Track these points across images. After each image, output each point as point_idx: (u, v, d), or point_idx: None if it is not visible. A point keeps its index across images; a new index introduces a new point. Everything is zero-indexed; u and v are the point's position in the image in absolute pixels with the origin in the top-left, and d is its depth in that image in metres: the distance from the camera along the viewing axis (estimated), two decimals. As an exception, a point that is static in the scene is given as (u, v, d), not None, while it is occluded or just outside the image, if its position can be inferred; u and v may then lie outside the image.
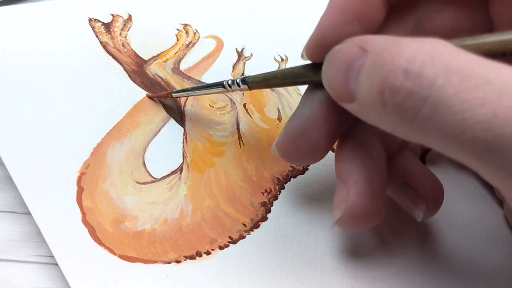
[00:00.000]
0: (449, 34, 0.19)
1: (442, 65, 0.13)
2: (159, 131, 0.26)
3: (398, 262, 0.23)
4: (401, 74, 0.13)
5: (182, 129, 0.27)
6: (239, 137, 0.27)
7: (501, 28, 0.19)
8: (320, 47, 0.18)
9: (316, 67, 0.19)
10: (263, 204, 0.24)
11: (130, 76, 0.29)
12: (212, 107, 0.28)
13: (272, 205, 0.24)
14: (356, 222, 0.19)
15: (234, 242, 0.23)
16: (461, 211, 0.25)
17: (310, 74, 0.19)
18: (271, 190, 0.25)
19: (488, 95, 0.12)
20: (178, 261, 0.21)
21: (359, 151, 0.19)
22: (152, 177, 0.24)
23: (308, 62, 0.19)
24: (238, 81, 0.22)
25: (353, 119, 0.19)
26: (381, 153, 0.20)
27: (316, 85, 0.19)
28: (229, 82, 0.23)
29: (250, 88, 0.22)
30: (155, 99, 0.28)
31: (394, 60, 0.13)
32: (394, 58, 0.13)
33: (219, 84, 0.23)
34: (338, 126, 0.20)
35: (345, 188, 0.19)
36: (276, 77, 0.20)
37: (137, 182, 0.24)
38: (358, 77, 0.15)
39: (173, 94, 0.26)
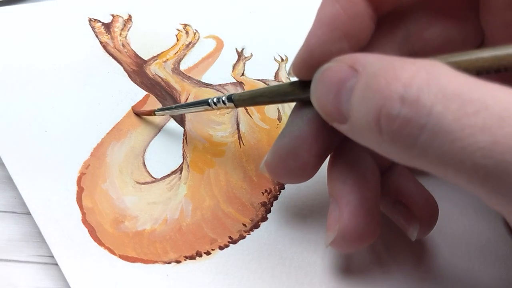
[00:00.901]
0: (439, 46, 0.19)
1: (439, 90, 0.12)
2: (159, 131, 0.26)
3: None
4: (398, 101, 0.13)
5: (182, 129, 0.27)
6: (239, 137, 0.27)
7: (492, 38, 0.18)
8: (307, 65, 0.17)
9: (304, 84, 0.18)
10: (263, 204, 0.24)
11: (130, 76, 0.29)
12: (212, 107, 0.28)
13: (272, 205, 0.24)
14: (350, 244, 0.19)
15: (234, 242, 0.23)
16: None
17: (298, 92, 0.19)
18: (271, 190, 0.25)
19: (487, 121, 0.12)
20: (178, 261, 0.21)
21: (351, 169, 0.19)
22: (152, 177, 0.24)
23: (296, 79, 0.19)
24: (223, 99, 0.22)
25: (343, 136, 0.19)
26: (374, 170, 0.19)
27: (304, 102, 0.19)
28: (214, 100, 0.22)
29: (236, 106, 0.21)
30: (145, 113, 0.27)
31: (390, 86, 0.13)
32: (389, 83, 0.13)
33: (204, 102, 0.23)
34: (328, 143, 0.19)
35: (338, 208, 0.19)
36: (263, 95, 0.20)
37: (137, 182, 0.24)
38: (351, 99, 0.15)
39: (156, 113, 0.25)
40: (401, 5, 0.19)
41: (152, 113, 0.26)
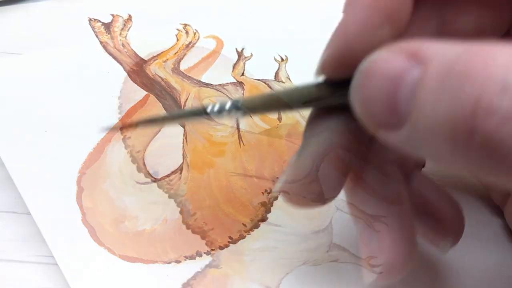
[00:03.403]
0: (472, 35, 0.16)
1: None
2: (159, 131, 0.26)
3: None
4: (499, 90, 0.10)
5: (182, 129, 0.27)
6: (239, 137, 0.27)
7: None
8: (344, 59, 0.14)
9: (332, 85, 0.15)
10: (263, 204, 0.24)
11: (130, 76, 0.29)
12: (212, 107, 0.28)
13: (272, 205, 0.24)
14: (396, 274, 0.16)
15: (234, 242, 0.22)
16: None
17: (324, 95, 0.15)
18: (271, 190, 0.25)
19: None
20: (178, 261, 0.21)
21: (383, 187, 0.16)
22: (152, 177, 0.24)
23: (319, 79, 0.15)
24: (227, 106, 0.16)
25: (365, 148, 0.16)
26: (404, 184, 0.17)
27: (326, 111, 0.16)
28: (216, 108, 0.16)
29: (243, 115, 0.17)
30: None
31: (487, 70, 0.10)
32: (486, 67, 0.10)
33: (201, 112, 0.17)
34: (353, 160, 0.16)
35: (375, 236, 0.16)
36: (280, 100, 0.16)
37: (137, 182, 0.24)
38: (416, 95, 0.11)
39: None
40: None
41: (134, 126, 0.23)
